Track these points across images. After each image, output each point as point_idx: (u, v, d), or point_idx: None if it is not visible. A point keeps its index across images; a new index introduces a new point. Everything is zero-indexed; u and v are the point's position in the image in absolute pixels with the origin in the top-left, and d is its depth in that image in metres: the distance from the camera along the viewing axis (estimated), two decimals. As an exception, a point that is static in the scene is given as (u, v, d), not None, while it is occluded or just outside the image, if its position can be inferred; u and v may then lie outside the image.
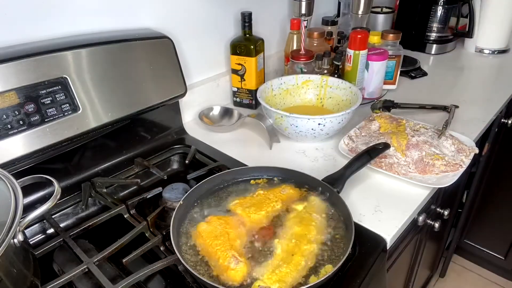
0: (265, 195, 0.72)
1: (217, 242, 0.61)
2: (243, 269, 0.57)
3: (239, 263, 0.57)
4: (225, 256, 0.59)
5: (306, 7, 1.11)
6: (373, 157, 0.79)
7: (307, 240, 0.62)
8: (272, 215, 0.69)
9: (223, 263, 0.58)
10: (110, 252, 0.63)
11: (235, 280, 0.56)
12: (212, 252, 0.60)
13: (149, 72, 0.84)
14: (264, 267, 0.58)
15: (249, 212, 0.68)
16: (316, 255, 0.60)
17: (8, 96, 0.65)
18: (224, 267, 0.57)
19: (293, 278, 0.56)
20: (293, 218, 0.67)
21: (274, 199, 0.71)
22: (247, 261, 0.59)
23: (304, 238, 0.62)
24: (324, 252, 0.61)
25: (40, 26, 0.74)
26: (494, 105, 1.11)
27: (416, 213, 0.76)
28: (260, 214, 0.68)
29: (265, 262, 0.59)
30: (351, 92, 0.99)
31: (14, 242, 0.48)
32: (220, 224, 0.65)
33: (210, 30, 1.07)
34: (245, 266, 0.57)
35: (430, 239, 1.19)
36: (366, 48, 1.06)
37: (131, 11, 0.88)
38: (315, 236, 0.63)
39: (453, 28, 1.54)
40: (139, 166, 0.89)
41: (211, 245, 0.61)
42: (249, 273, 0.57)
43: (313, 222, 0.65)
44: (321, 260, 0.60)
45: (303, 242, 0.61)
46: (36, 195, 0.76)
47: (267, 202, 0.70)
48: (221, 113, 1.09)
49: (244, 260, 0.59)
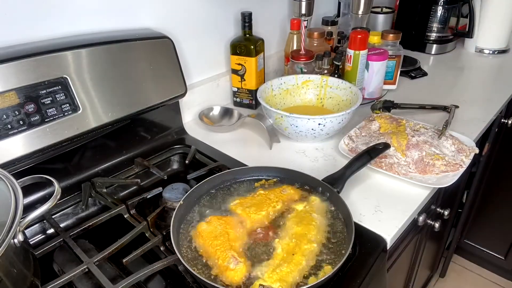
0: (266, 195, 0.72)
1: (217, 242, 0.61)
2: (243, 269, 0.57)
3: (238, 264, 0.57)
4: (225, 256, 0.59)
5: (306, 7, 1.11)
6: (373, 157, 0.79)
7: (307, 240, 0.62)
8: (273, 215, 0.69)
9: (223, 263, 0.58)
10: (110, 252, 0.63)
11: (234, 281, 0.56)
12: (211, 252, 0.60)
13: (149, 72, 0.84)
14: (265, 266, 0.58)
15: (250, 212, 0.68)
16: (316, 255, 0.60)
17: (8, 96, 0.65)
18: (224, 267, 0.57)
19: (293, 277, 0.56)
20: (293, 218, 0.67)
21: (274, 199, 0.71)
22: (246, 262, 0.59)
23: (304, 237, 0.62)
24: (324, 252, 0.61)
25: (40, 26, 0.74)
26: (494, 105, 1.11)
27: (416, 213, 0.76)
28: (260, 214, 0.68)
29: (266, 262, 0.59)
30: (351, 92, 0.99)
31: (14, 242, 0.48)
32: (220, 224, 0.65)
33: (210, 30, 1.07)
34: (244, 266, 0.57)
35: (430, 239, 1.19)
36: (366, 48, 1.06)
37: (131, 11, 0.88)
38: (315, 235, 0.63)
39: (453, 28, 1.54)
40: (139, 166, 0.89)
41: (211, 245, 0.61)
42: (249, 273, 0.57)
43: (313, 222, 0.65)
44: (321, 260, 0.60)
45: (303, 242, 0.61)
46: (36, 195, 0.76)
47: (267, 202, 0.70)
48: (221, 113, 1.09)
49: (244, 260, 0.59)
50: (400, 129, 0.90)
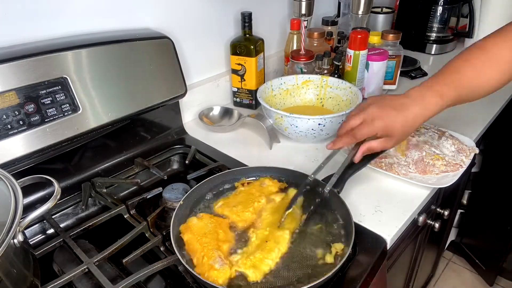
0: (248, 191, 0.73)
1: (206, 240, 0.61)
2: (227, 272, 0.57)
3: (223, 265, 0.57)
4: (211, 255, 0.58)
5: (306, 7, 1.11)
6: (373, 157, 0.79)
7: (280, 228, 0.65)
8: (259, 210, 0.70)
9: (207, 262, 0.58)
10: (110, 253, 0.63)
11: (216, 282, 0.55)
12: (198, 249, 0.60)
13: (149, 72, 0.84)
14: (239, 254, 0.61)
15: (237, 211, 0.69)
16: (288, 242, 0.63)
17: (8, 96, 0.65)
18: (208, 266, 0.57)
19: (266, 264, 0.58)
20: (269, 208, 0.70)
21: (257, 193, 0.72)
22: (231, 266, 0.58)
23: (275, 225, 0.65)
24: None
25: (40, 26, 0.74)
26: (494, 105, 1.11)
27: (416, 213, 0.76)
28: (248, 211, 0.69)
29: (240, 250, 0.62)
30: (351, 92, 0.99)
31: (14, 243, 0.48)
32: (211, 223, 0.66)
33: (210, 30, 1.07)
34: (228, 269, 0.57)
35: (430, 239, 1.19)
36: (366, 48, 1.06)
37: (131, 11, 0.87)
38: (289, 224, 0.66)
39: (453, 28, 1.54)
40: (139, 166, 0.89)
41: (199, 241, 0.61)
42: (231, 276, 0.57)
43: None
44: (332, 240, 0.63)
45: (276, 230, 0.64)
46: (36, 195, 0.76)
47: (251, 198, 0.71)
48: (221, 113, 1.09)
49: (229, 264, 0.59)
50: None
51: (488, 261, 1.76)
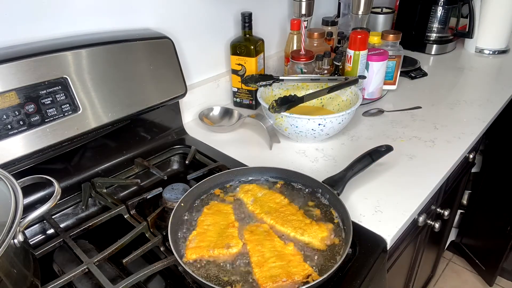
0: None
1: (221, 223, 0.66)
2: (239, 245, 0.62)
3: (238, 244, 0.62)
4: (228, 234, 0.64)
5: (306, 7, 1.11)
6: (375, 159, 0.79)
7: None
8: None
9: (224, 241, 0.62)
10: (110, 253, 0.63)
11: (231, 254, 0.61)
12: (215, 228, 0.65)
13: (149, 72, 0.84)
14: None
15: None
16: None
17: (8, 96, 0.65)
18: (223, 244, 0.62)
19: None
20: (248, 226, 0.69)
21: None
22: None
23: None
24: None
25: (40, 26, 0.74)
26: (494, 105, 1.11)
27: (416, 214, 0.76)
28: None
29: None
30: (351, 92, 0.99)
31: (14, 243, 0.48)
32: (224, 209, 0.70)
33: (210, 30, 1.07)
34: (241, 245, 0.62)
35: (430, 239, 1.19)
36: (366, 49, 1.06)
37: (131, 11, 0.88)
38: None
39: (453, 29, 1.54)
40: (139, 166, 0.89)
41: (216, 222, 0.66)
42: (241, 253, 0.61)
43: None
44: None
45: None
46: (36, 196, 0.76)
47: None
48: (221, 113, 1.09)
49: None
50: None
51: (488, 261, 1.76)
